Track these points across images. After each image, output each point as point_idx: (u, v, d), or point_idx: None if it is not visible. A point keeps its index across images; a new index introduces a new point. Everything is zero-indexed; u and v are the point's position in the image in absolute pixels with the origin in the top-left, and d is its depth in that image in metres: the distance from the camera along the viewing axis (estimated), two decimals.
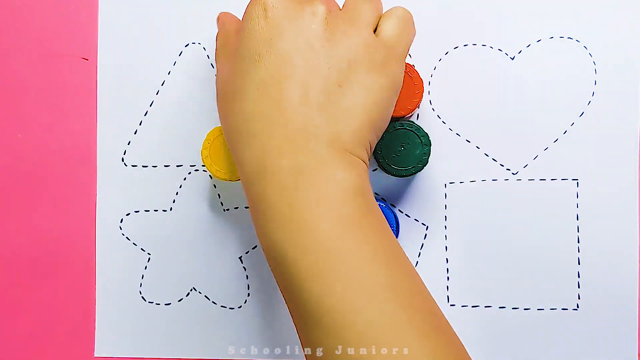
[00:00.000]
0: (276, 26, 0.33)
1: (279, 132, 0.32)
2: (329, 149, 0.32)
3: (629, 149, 0.44)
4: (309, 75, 0.33)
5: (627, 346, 0.44)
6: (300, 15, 0.33)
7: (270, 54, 0.33)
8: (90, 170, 0.45)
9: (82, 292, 0.45)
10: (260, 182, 0.32)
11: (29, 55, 0.45)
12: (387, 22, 0.35)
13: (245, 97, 0.33)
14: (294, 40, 0.33)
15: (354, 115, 0.33)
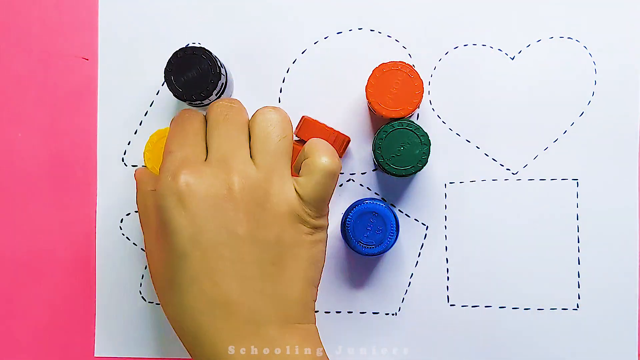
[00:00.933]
0: (196, 220, 0.31)
1: (226, 326, 0.31)
2: (281, 330, 0.32)
3: (629, 149, 0.44)
4: (240, 264, 0.32)
5: (627, 346, 0.44)
6: (216, 199, 0.32)
7: (196, 250, 0.31)
8: (90, 170, 0.45)
9: (82, 292, 0.45)
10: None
11: (29, 55, 0.45)
12: (308, 181, 0.34)
13: (181, 291, 0.32)
14: (217, 232, 0.31)
15: (294, 287, 0.33)
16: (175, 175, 0.32)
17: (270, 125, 0.34)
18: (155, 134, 0.40)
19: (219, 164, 0.33)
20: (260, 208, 0.32)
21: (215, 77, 0.40)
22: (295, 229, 0.33)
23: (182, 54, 0.40)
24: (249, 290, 0.32)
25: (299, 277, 0.33)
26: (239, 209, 0.32)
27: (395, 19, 0.44)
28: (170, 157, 0.33)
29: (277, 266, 0.32)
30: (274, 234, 0.32)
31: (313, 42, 0.44)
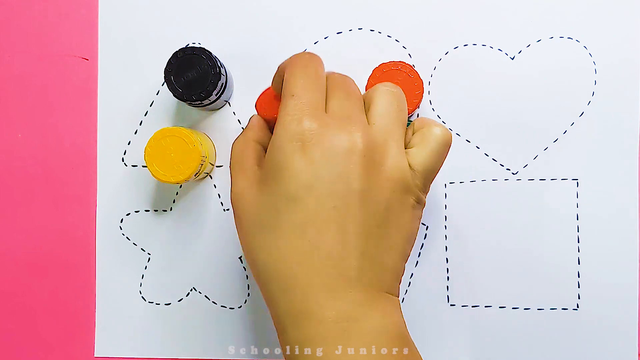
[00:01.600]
0: (315, 167, 0.31)
1: (319, 278, 0.31)
2: (373, 295, 0.32)
3: (629, 149, 0.44)
4: (348, 219, 0.31)
5: (627, 346, 0.44)
6: (338, 150, 0.31)
7: (309, 196, 0.31)
8: (90, 170, 0.45)
9: (82, 292, 0.45)
10: (300, 328, 0.31)
11: (29, 55, 0.45)
12: (421, 151, 0.34)
13: (279, 235, 0.32)
14: (333, 183, 0.31)
15: (392, 255, 0.33)
16: (301, 121, 0.32)
17: (393, 96, 0.34)
18: (155, 134, 0.40)
19: (342, 119, 0.32)
20: (376, 170, 0.32)
21: (215, 77, 0.40)
22: (403, 198, 0.33)
23: (182, 54, 0.40)
24: (350, 247, 0.31)
25: (397, 247, 0.33)
26: (358, 165, 0.31)
27: (395, 19, 0.44)
28: (294, 101, 0.32)
29: (381, 230, 0.32)
30: (385, 198, 0.32)
31: (313, 42, 0.44)
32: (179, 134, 0.40)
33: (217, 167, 0.45)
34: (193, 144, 0.40)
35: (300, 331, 0.31)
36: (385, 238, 0.32)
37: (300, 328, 0.31)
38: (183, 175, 0.40)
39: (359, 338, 0.31)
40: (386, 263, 0.32)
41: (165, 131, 0.40)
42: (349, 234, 0.31)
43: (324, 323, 0.31)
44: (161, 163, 0.40)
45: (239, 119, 0.45)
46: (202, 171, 0.42)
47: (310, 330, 0.31)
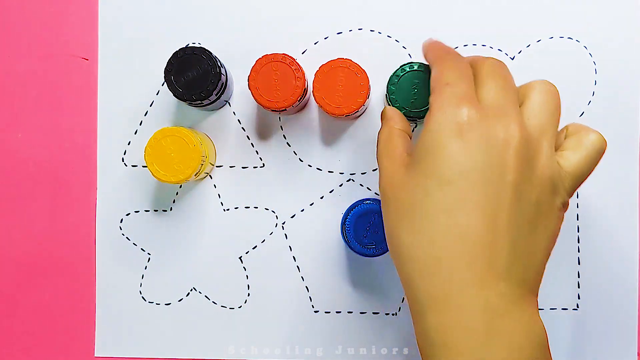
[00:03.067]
0: (471, 153, 0.30)
1: (465, 265, 0.30)
2: (520, 291, 0.30)
3: (629, 149, 0.44)
4: (499, 210, 0.30)
5: (627, 346, 0.44)
6: (495, 140, 0.31)
7: (462, 180, 0.30)
8: (90, 170, 0.45)
9: (82, 292, 0.45)
10: (442, 315, 0.30)
11: (29, 55, 0.45)
12: (576, 154, 0.33)
13: (427, 217, 0.31)
14: (488, 170, 0.30)
15: (539, 254, 0.32)
16: (459, 107, 0.31)
17: (550, 94, 0.34)
18: (155, 134, 0.40)
19: (498, 110, 0.32)
20: (529, 166, 0.31)
21: (215, 77, 0.40)
22: (551, 198, 0.32)
23: (182, 54, 0.40)
24: (500, 238, 0.30)
25: (543, 247, 0.32)
26: (513, 157, 0.31)
27: (395, 19, 0.44)
28: (450, 89, 0.32)
29: (531, 227, 0.31)
30: (536, 195, 0.31)
31: (313, 42, 0.44)
32: (179, 134, 0.40)
33: (217, 167, 0.45)
34: (193, 144, 0.40)
35: (440, 317, 0.30)
36: (533, 235, 0.31)
37: (441, 314, 0.30)
38: (183, 175, 0.40)
39: (502, 336, 0.29)
40: (533, 261, 0.31)
41: (165, 131, 0.40)
42: (501, 224, 0.30)
43: (468, 312, 0.29)
44: (161, 163, 0.40)
45: (239, 119, 0.45)
46: (202, 171, 0.42)
47: (450, 317, 0.30)
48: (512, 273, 0.30)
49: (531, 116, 0.33)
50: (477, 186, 0.30)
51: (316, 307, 0.45)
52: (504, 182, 0.30)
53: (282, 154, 0.45)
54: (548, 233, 0.32)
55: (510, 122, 0.31)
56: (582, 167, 0.33)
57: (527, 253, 0.31)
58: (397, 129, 0.36)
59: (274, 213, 0.45)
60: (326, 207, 0.44)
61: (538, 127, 0.32)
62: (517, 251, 0.31)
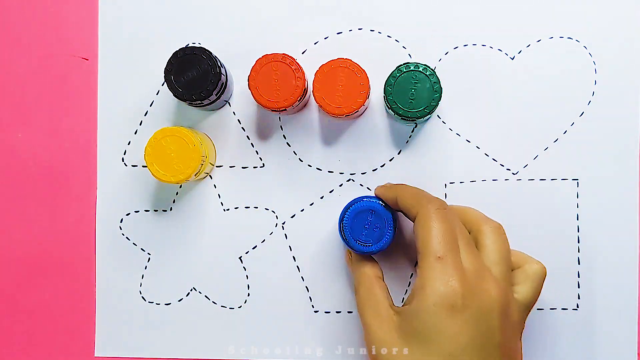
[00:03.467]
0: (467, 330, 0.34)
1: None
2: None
3: (629, 149, 0.44)
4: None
5: (627, 346, 0.44)
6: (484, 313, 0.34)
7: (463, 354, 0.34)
8: (90, 170, 0.45)
9: (82, 292, 0.45)
10: None
11: (29, 55, 0.45)
12: (525, 287, 0.38)
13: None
14: (480, 339, 0.34)
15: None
16: (449, 286, 0.34)
17: (503, 239, 0.38)
18: (155, 134, 0.40)
19: (477, 275, 0.35)
20: (507, 319, 0.35)
21: (215, 77, 0.40)
22: (519, 336, 0.37)
23: (182, 54, 0.40)
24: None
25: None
26: (497, 320, 0.34)
27: (395, 19, 0.44)
28: (442, 265, 0.35)
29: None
30: (515, 344, 0.36)
31: (313, 42, 0.44)
32: (179, 134, 0.40)
33: (217, 167, 0.45)
34: (193, 144, 0.40)
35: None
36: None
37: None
38: (183, 175, 0.40)
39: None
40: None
41: (165, 131, 0.40)
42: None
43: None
44: (161, 163, 0.40)
45: (238, 119, 0.45)
46: (202, 171, 0.42)
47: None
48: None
49: (496, 266, 0.37)
50: (474, 355, 0.34)
51: (316, 307, 0.45)
52: (494, 345, 0.34)
53: (282, 154, 0.45)
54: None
55: (491, 287, 0.35)
56: (535, 297, 0.38)
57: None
58: (374, 277, 0.39)
59: (274, 213, 0.45)
60: (326, 207, 0.44)
61: (504, 277, 0.37)
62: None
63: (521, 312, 0.37)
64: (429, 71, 0.40)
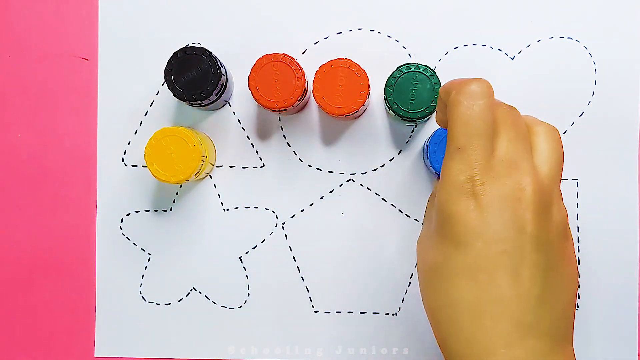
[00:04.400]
0: (484, 214, 0.31)
1: (492, 325, 0.30)
2: (551, 344, 0.31)
3: (629, 149, 0.44)
4: (521, 263, 0.30)
5: (627, 346, 0.44)
6: (508, 201, 0.31)
7: (479, 242, 0.31)
8: (90, 170, 0.45)
9: (82, 292, 0.45)
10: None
11: (29, 55, 0.45)
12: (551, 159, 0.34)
13: (448, 281, 0.32)
14: (504, 228, 0.31)
15: (565, 302, 0.32)
16: (469, 176, 0.31)
17: (556, 141, 0.34)
18: (155, 134, 0.40)
19: (510, 165, 0.32)
20: (544, 215, 0.32)
21: (215, 77, 0.40)
22: (567, 243, 0.33)
23: (182, 54, 0.40)
24: (524, 292, 0.30)
25: (568, 294, 0.32)
26: (529, 210, 0.31)
27: (395, 19, 0.44)
28: (461, 156, 0.32)
29: (555, 274, 0.32)
30: (555, 242, 0.32)
31: (313, 42, 0.44)
32: (179, 134, 0.40)
33: (217, 167, 0.45)
34: (193, 144, 0.40)
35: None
36: (558, 284, 0.32)
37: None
38: (183, 175, 0.40)
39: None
40: (560, 311, 0.32)
41: (165, 131, 0.40)
42: (523, 278, 0.30)
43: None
44: (161, 163, 0.40)
45: (239, 119, 0.45)
46: (202, 171, 0.42)
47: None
48: (541, 327, 0.30)
49: (543, 165, 0.33)
50: (493, 245, 0.31)
51: (316, 307, 0.45)
52: (523, 236, 0.31)
53: (282, 154, 0.45)
54: (570, 278, 0.32)
55: (522, 177, 0.32)
56: (559, 169, 0.34)
57: (553, 304, 0.31)
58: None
59: (274, 213, 0.45)
60: (326, 207, 0.45)
61: (549, 175, 0.33)
62: (544, 304, 0.31)
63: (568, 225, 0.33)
64: (430, 72, 0.40)
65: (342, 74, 0.40)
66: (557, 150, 0.34)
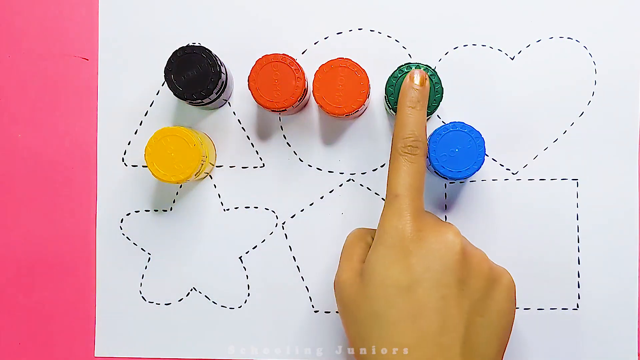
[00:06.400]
0: (423, 263, 0.34)
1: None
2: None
3: (629, 149, 0.44)
4: (452, 308, 0.33)
5: (627, 346, 0.44)
6: (441, 249, 0.34)
7: (420, 287, 0.33)
8: (90, 170, 0.45)
9: (82, 292, 0.45)
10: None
11: (29, 55, 0.45)
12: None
13: (388, 325, 0.34)
14: (439, 275, 0.34)
15: (492, 345, 0.34)
16: (404, 226, 0.35)
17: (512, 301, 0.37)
18: (155, 134, 0.40)
19: (438, 222, 0.37)
20: (470, 260, 0.35)
21: (215, 76, 0.40)
22: (491, 285, 0.36)
23: (182, 53, 0.40)
24: (454, 335, 0.33)
25: (496, 335, 0.35)
26: (457, 257, 0.35)
27: (395, 19, 0.44)
28: (397, 203, 0.36)
29: (480, 315, 0.35)
30: (483, 286, 0.35)
31: (313, 42, 0.44)
32: (179, 134, 0.40)
33: (217, 167, 0.45)
34: (193, 144, 0.40)
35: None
36: (486, 327, 0.34)
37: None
38: (183, 175, 0.40)
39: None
40: (487, 353, 0.34)
41: (165, 131, 0.40)
42: (453, 322, 0.33)
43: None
44: (161, 163, 0.40)
45: (239, 119, 0.45)
46: (202, 171, 0.42)
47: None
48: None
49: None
50: (434, 291, 0.33)
51: (316, 307, 0.45)
52: (455, 280, 0.34)
53: (282, 154, 0.45)
54: (498, 321, 0.35)
55: (448, 232, 0.35)
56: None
57: (480, 345, 0.34)
58: (366, 233, 0.39)
59: (274, 213, 0.45)
60: (326, 207, 0.44)
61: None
62: (469, 346, 0.33)
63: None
64: (431, 71, 0.40)
65: (342, 73, 0.40)
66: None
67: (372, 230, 0.39)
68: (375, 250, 0.35)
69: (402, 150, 0.36)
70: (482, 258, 0.35)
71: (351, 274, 0.36)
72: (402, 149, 0.36)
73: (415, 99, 0.38)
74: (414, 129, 0.37)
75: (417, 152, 0.36)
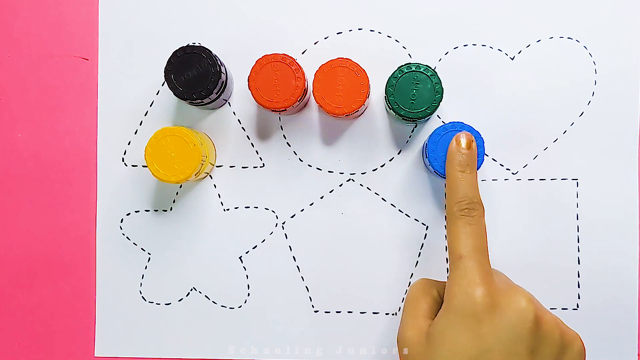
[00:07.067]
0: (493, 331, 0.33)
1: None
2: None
3: (629, 149, 0.44)
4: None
5: (627, 346, 0.44)
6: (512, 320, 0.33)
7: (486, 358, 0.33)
8: (90, 170, 0.45)
9: (82, 292, 0.45)
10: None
11: (29, 55, 0.45)
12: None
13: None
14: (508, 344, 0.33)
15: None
16: (473, 292, 0.34)
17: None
18: (155, 134, 0.40)
19: (509, 285, 0.36)
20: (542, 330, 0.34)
21: (215, 76, 0.40)
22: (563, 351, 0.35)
23: (182, 53, 0.40)
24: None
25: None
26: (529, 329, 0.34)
27: (395, 19, 0.44)
28: (464, 264, 0.35)
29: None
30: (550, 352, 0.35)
31: (313, 42, 0.44)
32: (179, 134, 0.40)
33: (217, 167, 0.45)
34: (193, 144, 0.40)
35: None
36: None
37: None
38: (183, 175, 0.40)
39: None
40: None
41: (165, 131, 0.40)
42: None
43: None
44: (161, 163, 0.40)
45: (239, 118, 0.45)
46: (202, 171, 0.42)
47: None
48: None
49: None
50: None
51: (316, 307, 0.45)
52: (522, 351, 0.33)
53: (282, 154, 0.45)
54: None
55: (522, 292, 0.34)
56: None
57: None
58: (431, 285, 0.39)
59: (274, 213, 0.45)
60: (326, 207, 0.45)
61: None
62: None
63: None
64: (431, 72, 0.40)
65: (342, 73, 0.40)
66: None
67: (437, 283, 0.39)
68: (445, 316, 0.35)
69: (459, 213, 0.36)
70: (554, 324, 0.34)
71: (416, 332, 0.36)
72: (458, 213, 0.36)
73: (465, 162, 0.38)
74: (467, 192, 0.37)
75: (474, 214, 0.36)
